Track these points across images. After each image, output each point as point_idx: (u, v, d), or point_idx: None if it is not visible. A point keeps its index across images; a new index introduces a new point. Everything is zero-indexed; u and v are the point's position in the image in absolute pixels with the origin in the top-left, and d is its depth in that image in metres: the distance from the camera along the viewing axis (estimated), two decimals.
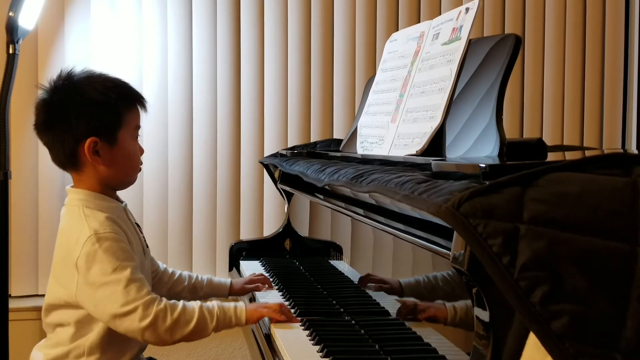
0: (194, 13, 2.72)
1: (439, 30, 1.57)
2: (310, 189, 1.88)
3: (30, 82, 2.51)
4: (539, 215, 0.77)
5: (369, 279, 1.56)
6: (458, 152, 1.41)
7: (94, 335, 1.47)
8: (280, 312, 1.47)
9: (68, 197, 1.53)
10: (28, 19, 2.15)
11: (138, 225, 1.63)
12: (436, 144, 1.39)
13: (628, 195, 0.79)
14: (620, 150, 2.59)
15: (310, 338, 1.37)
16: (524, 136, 2.91)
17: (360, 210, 1.44)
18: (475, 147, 1.40)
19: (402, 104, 1.60)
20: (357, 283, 1.62)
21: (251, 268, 2.09)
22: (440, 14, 2.21)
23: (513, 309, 0.80)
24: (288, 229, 2.31)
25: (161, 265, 1.77)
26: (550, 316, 0.72)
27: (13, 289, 2.56)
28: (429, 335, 1.19)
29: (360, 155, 1.67)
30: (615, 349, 0.72)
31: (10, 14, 2.10)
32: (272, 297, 1.74)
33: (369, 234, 1.53)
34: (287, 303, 1.62)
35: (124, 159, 1.52)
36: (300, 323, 1.46)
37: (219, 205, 2.76)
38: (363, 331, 1.39)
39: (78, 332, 1.48)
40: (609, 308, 0.73)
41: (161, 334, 1.41)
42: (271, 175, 2.41)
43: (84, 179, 1.52)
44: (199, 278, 1.79)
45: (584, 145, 2.92)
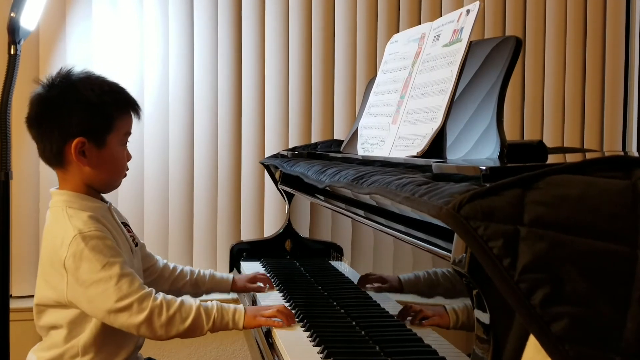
0: (195, 14, 2.72)
1: (439, 31, 1.57)
2: (311, 190, 1.88)
3: (32, 83, 2.51)
4: (539, 218, 0.77)
5: (369, 280, 1.56)
6: (459, 154, 1.41)
7: (86, 334, 1.47)
8: (281, 315, 1.47)
9: (52, 199, 1.54)
10: (30, 19, 2.15)
11: (127, 224, 1.63)
12: (437, 145, 1.39)
13: (628, 197, 0.79)
14: (621, 152, 2.59)
15: (310, 339, 1.37)
16: (524, 138, 2.91)
17: (361, 212, 1.44)
18: (476, 149, 1.40)
19: (403, 106, 1.60)
20: (358, 284, 1.62)
21: (252, 269, 2.09)
22: (441, 16, 2.21)
23: (513, 311, 0.80)
24: (289, 230, 2.31)
25: (161, 260, 1.76)
26: (550, 318, 0.72)
27: (14, 289, 2.56)
28: (429, 336, 1.19)
29: (361, 156, 1.67)
30: (615, 351, 0.72)
31: (11, 14, 2.09)
32: (273, 298, 1.74)
33: (369, 235, 1.53)
34: (288, 304, 1.62)
35: (109, 163, 1.52)
36: (300, 324, 1.46)
37: (219, 206, 2.77)
38: (364, 332, 1.39)
39: (71, 333, 1.48)
40: (609, 310, 0.73)
41: (156, 329, 1.42)
42: (272, 176, 2.40)
43: (68, 178, 1.52)
44: (201, 273, 1.79)
45: (584, 146, 2.92)
